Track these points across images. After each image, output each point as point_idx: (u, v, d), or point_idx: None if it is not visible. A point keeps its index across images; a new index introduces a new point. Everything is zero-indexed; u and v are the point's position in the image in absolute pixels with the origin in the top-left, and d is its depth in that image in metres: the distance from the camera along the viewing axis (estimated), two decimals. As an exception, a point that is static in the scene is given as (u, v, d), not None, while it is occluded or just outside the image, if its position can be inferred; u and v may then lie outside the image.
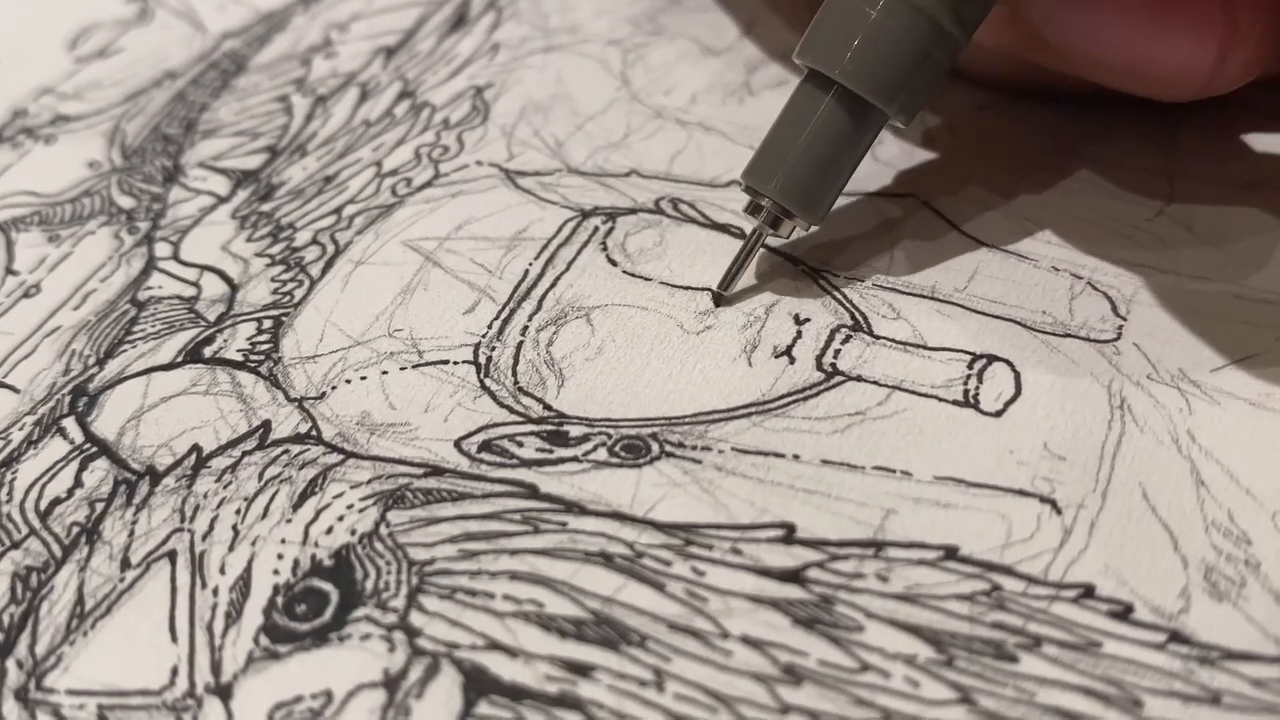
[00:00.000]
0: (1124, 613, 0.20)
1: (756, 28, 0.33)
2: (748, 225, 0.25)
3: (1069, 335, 0.24)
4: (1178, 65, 0.24)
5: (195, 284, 0.27)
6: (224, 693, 0.20)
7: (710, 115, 0.30)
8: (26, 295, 0.27)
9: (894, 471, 0.22)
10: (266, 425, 0.24)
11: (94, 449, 0.24)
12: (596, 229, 0.27)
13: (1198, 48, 0.23)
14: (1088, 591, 0.20)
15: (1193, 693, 0.19)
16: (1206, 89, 0.24)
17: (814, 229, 0.26)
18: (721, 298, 0.25)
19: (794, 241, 0.26)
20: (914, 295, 0.25)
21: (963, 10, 0.23)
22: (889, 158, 0.28)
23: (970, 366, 0.24)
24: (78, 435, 0.24)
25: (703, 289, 0.25)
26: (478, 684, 0.20)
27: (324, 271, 0.27)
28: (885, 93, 0.23)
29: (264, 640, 0.20)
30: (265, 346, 0.26)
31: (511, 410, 0.24)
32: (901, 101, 0.24)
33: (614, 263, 0.26)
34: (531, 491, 0.22)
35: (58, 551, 0.22)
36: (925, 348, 0.24)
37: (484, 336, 0.25)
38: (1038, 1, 0.24)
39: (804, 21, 0.25)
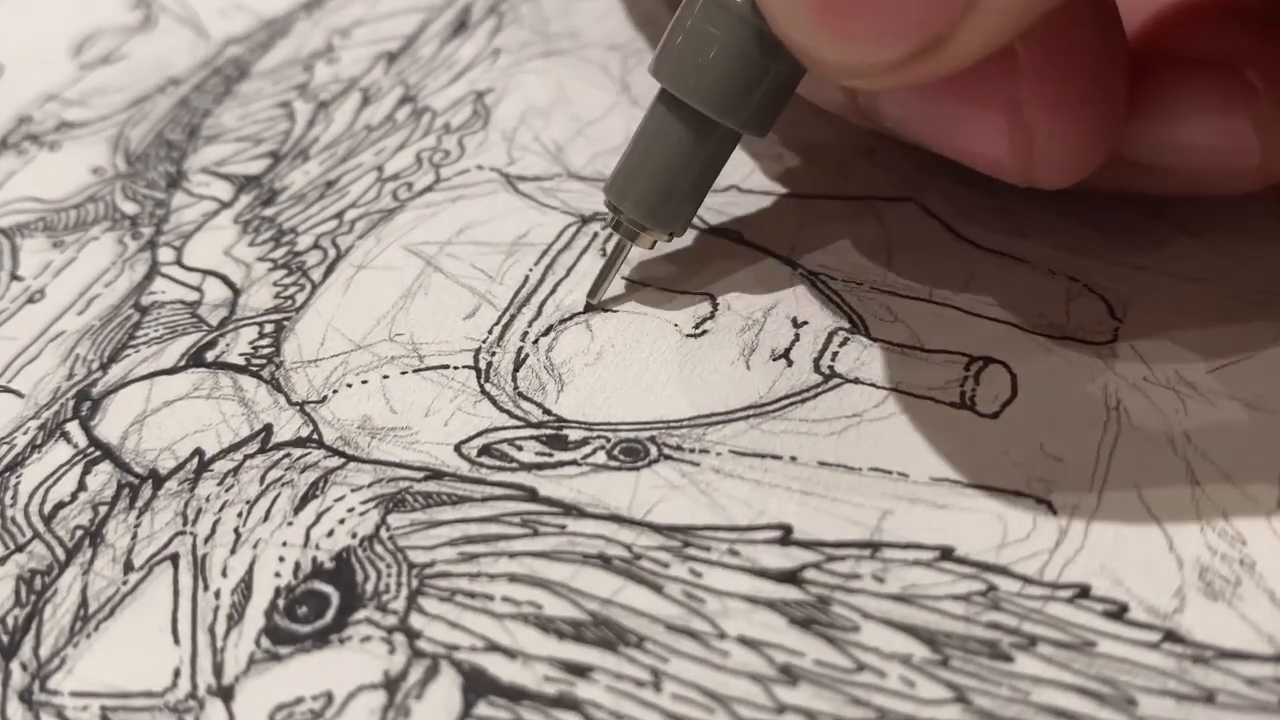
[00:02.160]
0: (1119, 612, 0.20)
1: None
2: (613, 240, 0.26)
3: (1065, 337, 0.24)
4: (988, 162, 0.23)
5: (198, 289, 0.27)
6: (226, 694, 0.20)
7: (709, 120, 0.30)
8: (31, 300, 0.28)
9: (891, 473, 0.22)
10: (268, 429, 0.24)
11: (97, 453, 0.24)
12: (596, 234, 0.27)
13: (996, 148, 0.23)
14: (1083, 591, 0.20)
15: (1187, 692, 0.19)
16: (1035, 184, 0.23)
17: (675, 240, 0.26)
18: (590, 306, 0.26)
19: (791, 246, 0.26)
20: (911, 298, 0.25)
21: None
22: (887, 162, 0.28)
23: (967, 368, 0.24)
24: (81, 439, 0.24)
25: (701, 294, 0.26)
26: (477, 685, 0.20)
27: (325, 276, 0.27)
28: (729, 108, 0.23)
29: (265, 642, 0.21)
30: (267, 351, 0.26)
31: (511, 415, 0.24)
32: (746, 116, 0.23)
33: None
34: (531, 495, 0.22)
35: (61, 555, 0.22)
36: (922, 350, 0.24)
37: (484, 341, 0.25)
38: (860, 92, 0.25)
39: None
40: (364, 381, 0.25)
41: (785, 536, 0.21)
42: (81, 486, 0.23)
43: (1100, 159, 0.23)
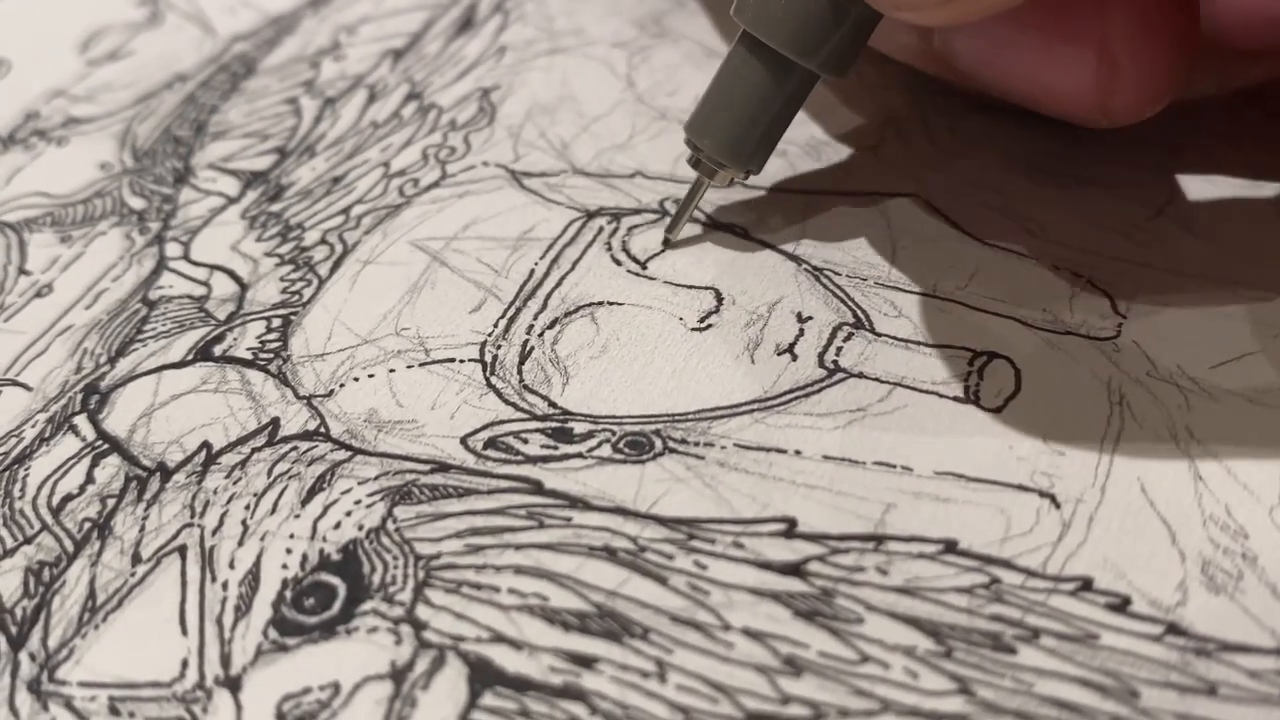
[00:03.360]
0: (1121, 605, 0.20)
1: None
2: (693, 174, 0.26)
3: (1069, 333, 0.24)
4: (1067, 98, 0.24)
5: (205, 283, 0.28)
6: (233, 684, 0.20)
7: (714, 116, 0.30)
8: (39, 295, 0.28)
9: (894, 466, 0.22)
10: (275, 422, 0.24)
11: (105, 446, 0.24)
12: (601, 229, 0.28)
13: (1079, 83, 0.23)
14: (1086, 584, 0.20)
15: (1189, 684, 0.19)
16: (1108, 120, 0.24)
17: (753, 177, 0.27)
18: (669, 241, 0.27)
19: (796, 241, 0.26)
20: (915, 293, 0.25)
21: None
22: (891, 157, 0.28)
23: (971, 363, 0.24)
24: (89, 432, 0.24)
25: (707, 288, 0.26)
26: (483, 675, 0.20)
27: (332, 271, 0.27)
28: (808, 49, 0.24)
29: (273, 633, 0.21)
30: (274, 345, 0.26)
31: (517, 408, 0.24)
32: (824, 57, 0.24)
33: (618, 262, 0.27)
34: (536, 487, 0.22)
35: (70, 546, 0.23)
36: (926, 345, 0.24)
37: (490, 335, 0.25)
38: (939, 30, 0.25)
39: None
40: (370, 375, 0.25)
41: (789, 529, 0.21)
42: (89, 479, 0.24)
43: (1174, 94, 0.23)
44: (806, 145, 0.29)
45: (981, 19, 0.21)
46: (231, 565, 0.22)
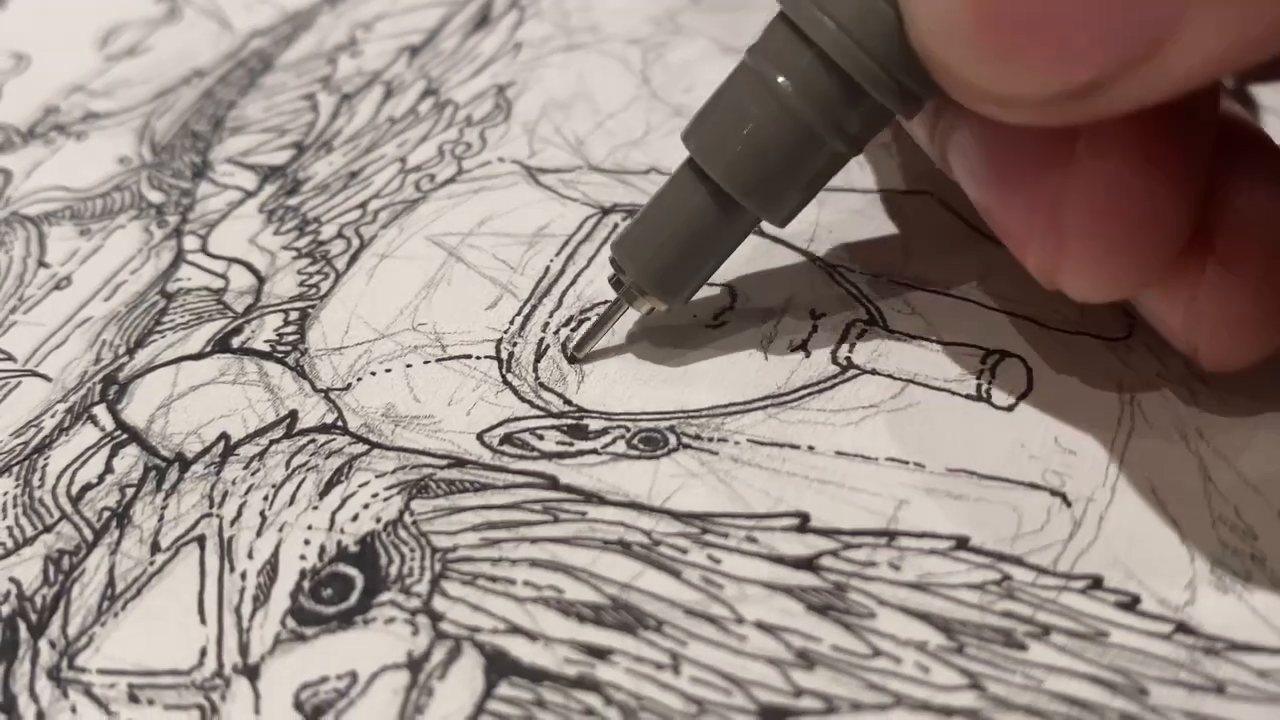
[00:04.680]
0: (1131, 603, 0.20)
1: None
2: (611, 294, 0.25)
3: (1081, 333, 0.24)
4: (1014, 242, 0.22)
5: (223, 276, 0.28)
6: (251, 673, 0.20)
7: (729, 115, 0.30)
8: (58, 287, 0.28)
9: (907, 463, 0.22)
10: (293, 415, 0.24)
11: (124, 436, 0.24)
12: (617, 225, 0.28)
13: (1023, 244, 0.21)
14: (1096, 582, 0.20)
15: (1198, 682, 0.19)
16: (1060, 286, 0.21)
17: (670, 309, 0.24)
18: (574, 359, 0.25)
19: (810, 238, 0.27)
20: (928, 291, 0.25)
21: (848, 127, 0.22)
22: (904, 156, 0.29)
23: (983, 362, 0.24)
24: (108, 423, 0.25)
25: (720, 285, 0.26)
26: (499, 666, 0.20)
27: (349, 265, 0.28)
28: (762, 198, 0.22)
29: (290, 623, 0.21)
30: (292, 338, 0.26)
31: (533, 405, 0.24)
32: (776, 207, 0.23)
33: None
34: (552, 483, 0.23)
35: (89, 535, 0.23)
36: (939, 342, 0.24)
37: (506, 332, 0.26)
38: (944, 126, 0.23)
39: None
40: (388, 370, 0.25)
41: (803, 524, 0.22)
42: (109, 469, 0.24)
43: (1131, 292, 0.21)
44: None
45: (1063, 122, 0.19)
46: (250, 555, 0.22)
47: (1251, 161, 0.21)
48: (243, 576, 0.22)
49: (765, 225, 0.25)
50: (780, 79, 0.21)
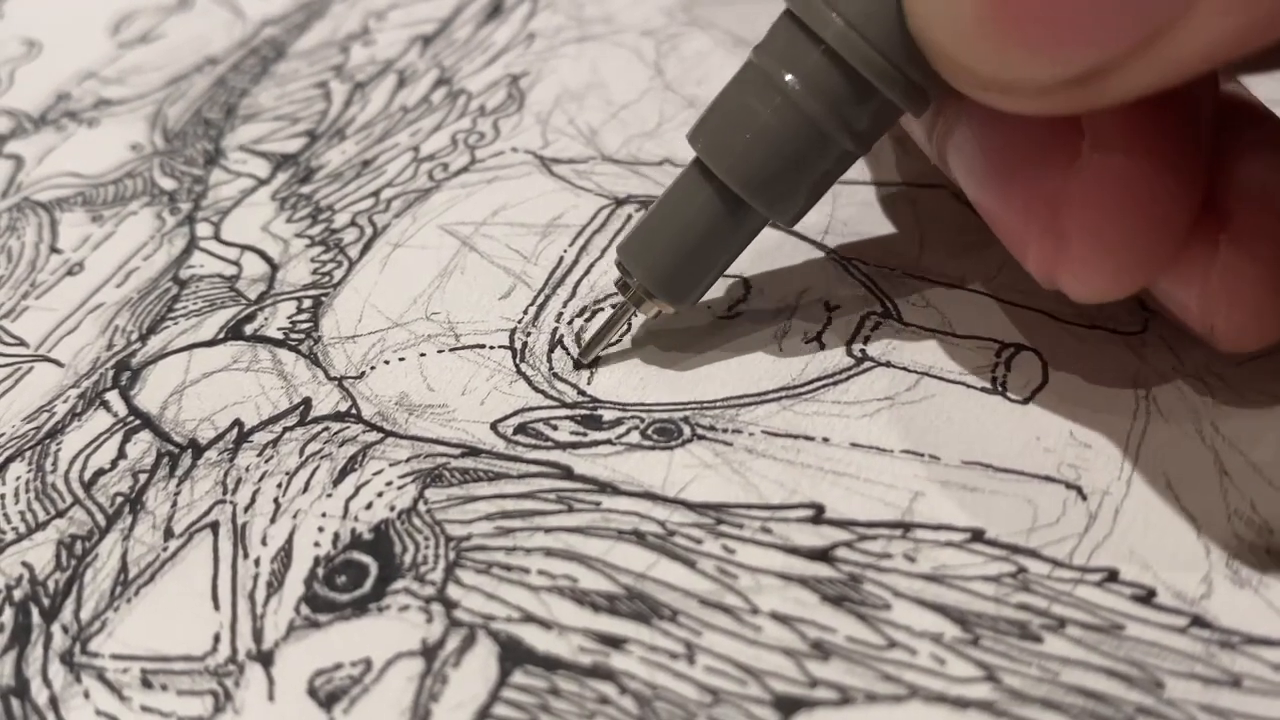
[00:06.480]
0: (1147, 597, 0.20)
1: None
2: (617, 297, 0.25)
3: (1096, 327, 0.24)
4: (1012, 244, 0.22)
5: (236, 263, 0.28)
6: (265, 659, 0.20)
7: (743, 106, 0.30)
8: (70, 273, 0.28)
9: (922, 455, 0.22)
10: (307, 402, 0.24)
11: (137, 422, 0.24)
12: (630, 216, 0.28)
13: (1022, 245, 0.21)
14: (1111, 576, 0.20)
15: (1214, 676, 0.19)
16: (1059, 287, 0.21)
17: (678, 312, 0.24)
18: (579, 364, 0.25)
19: (824, 231, 0.27)
20: (943, 284, 0.25)
21: (856, 125, 0.21)
22: (919, 149, 0.28)
23: (998, 355, 0.24)
24: (121, 408, 0.25)
25: (735, 277, 0.26)
26: (513, 654, 0.20)
27: (362, 253, 0.28)
28: (769, 197, 0.22)
29: (305, 609, 0.21)
30: (305, 325, 0.26)
31: (546, 395, 0.24)
32: (784, 206, 0.22)
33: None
34: (566, 472, 0.23)
35: (102, 520, 0.23)
36: (954, 335, 0.24)
37: (519, 322, 0.26)
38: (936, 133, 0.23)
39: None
40: (401, 359, 0.25)
41: (817, 515, 0.22)
42: (121, 454, 0.24)
43: (1145, 283, 0.21)
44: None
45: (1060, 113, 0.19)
46: (264, 542, 0.22)
47: (1256, 137, 0.21)
48: (256, 563, 0.22)
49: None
50: (787, 77, 0.21)
